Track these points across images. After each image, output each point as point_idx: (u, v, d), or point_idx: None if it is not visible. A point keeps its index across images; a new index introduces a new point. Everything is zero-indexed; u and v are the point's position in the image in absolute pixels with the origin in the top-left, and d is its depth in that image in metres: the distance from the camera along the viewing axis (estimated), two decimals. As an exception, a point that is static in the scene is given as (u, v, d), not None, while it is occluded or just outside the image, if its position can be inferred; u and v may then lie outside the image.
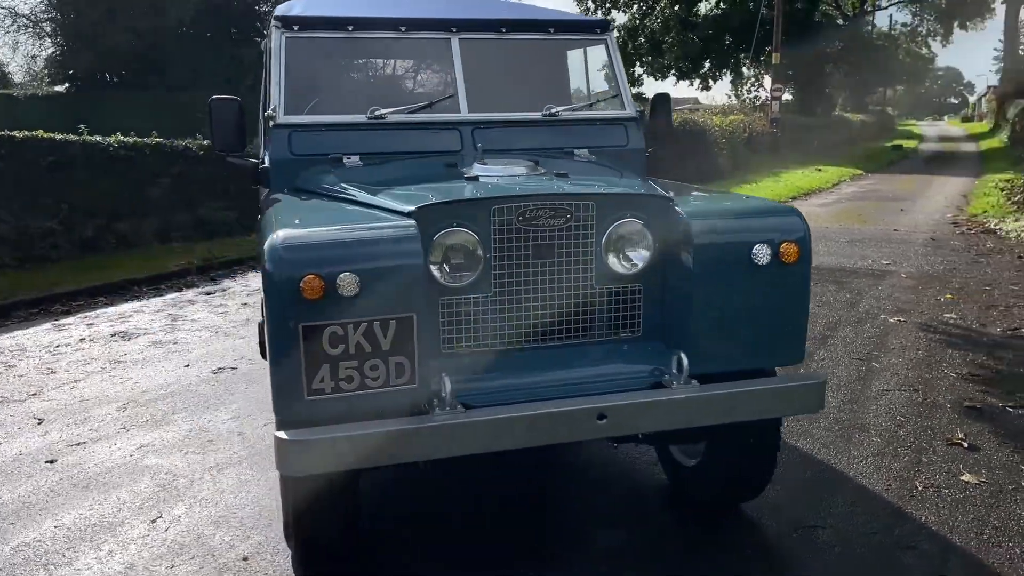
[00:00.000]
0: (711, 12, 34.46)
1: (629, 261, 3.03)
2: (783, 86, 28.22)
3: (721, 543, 3.31)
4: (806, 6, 32.15)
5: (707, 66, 34.60)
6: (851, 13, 40.05)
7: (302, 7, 4.08)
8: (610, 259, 3.01)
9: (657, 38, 33.66)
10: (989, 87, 64.09)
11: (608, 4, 34.24)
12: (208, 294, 8.38)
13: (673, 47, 32.77)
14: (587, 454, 4.06)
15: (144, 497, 3.74)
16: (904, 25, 41.90)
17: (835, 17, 39.12)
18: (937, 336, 6.23)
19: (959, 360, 5.61)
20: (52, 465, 4.13)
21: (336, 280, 2.54)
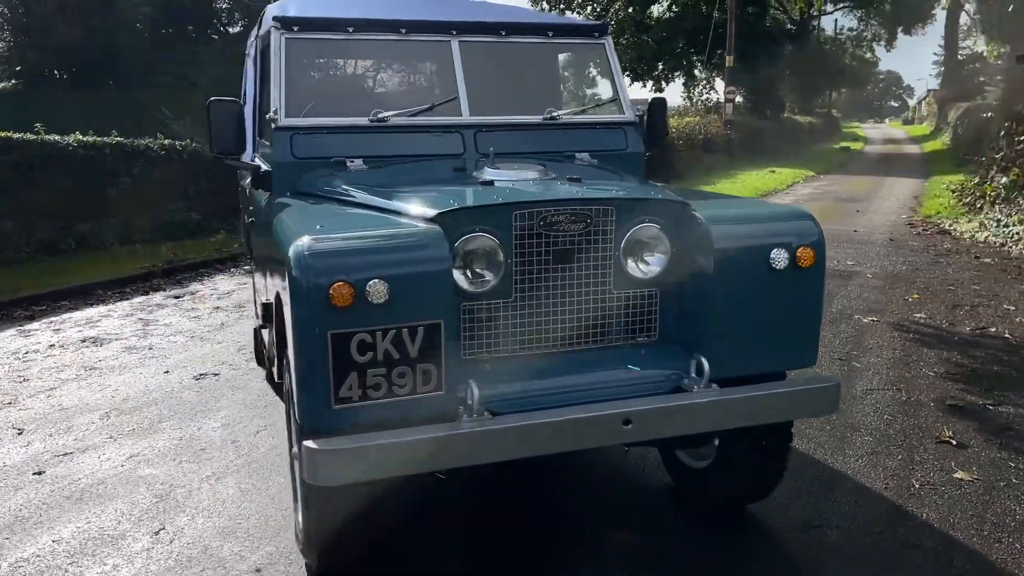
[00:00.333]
0: (664, 15, 34.84)
1: (646, 265, 3.05)
2: (736, 89, 28.63)
3: (734, 545, 3.35)
4: (757, 11, 32.68)
5: (661, 68, 34.95)
6: (799, 18, 40.81)
7: (298, 8, 4.02)
8: (628, 264, 3.03)
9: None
10: (929, 91, 65.87)
11: (562, 5, 34.38)
12: (177, 298, 8.21)
13: (627, 49, 33.02)
14: (591, 456, 4.07)
15: (142, 508, 3.65)
16: (850, 30, 42.84)
17: (784, 22, 39.84)
18: (911, 335, 6.38)
19: (935, 359, 5.76)
20: (40, 477, 4.00)
21: (365, 287, 2.51)
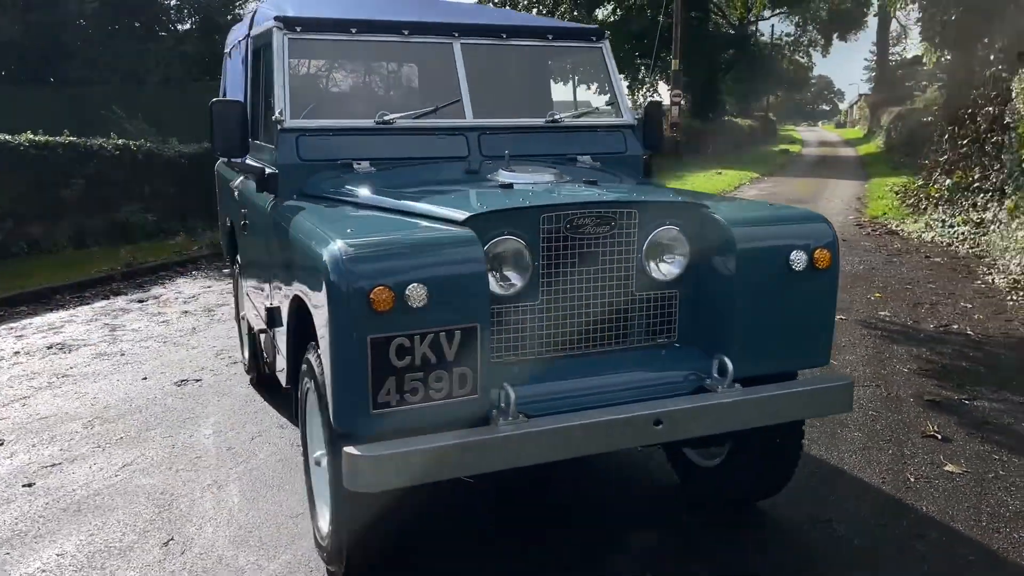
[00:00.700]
0: (609, 18, 35.19)
1: (667, 267, 3.09)
2: (682, 92, 29.05)
3: (751, 541, 3.41)
4: (700, 16, 33.23)
5: (606, 71, 35.23)
6: (737, 23, 41.63)
7: (296, 8, 3.97)
8: (650, 266, 3.07)
9: (557, 42, 34.01)
10: (860, 95, 67.79)
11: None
12: (141, 302, 7.99)
13: (573, 51, 33.23)
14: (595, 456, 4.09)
15: (146, 519, 3.56)
16: (788, 35, 43.89)
17: (723, 27, 40.60)
18: (879, 333, 6.58)
19: (905, 356, 5.94)
20: (31, 489, 3.87)
21: (405, 291, 2.50)
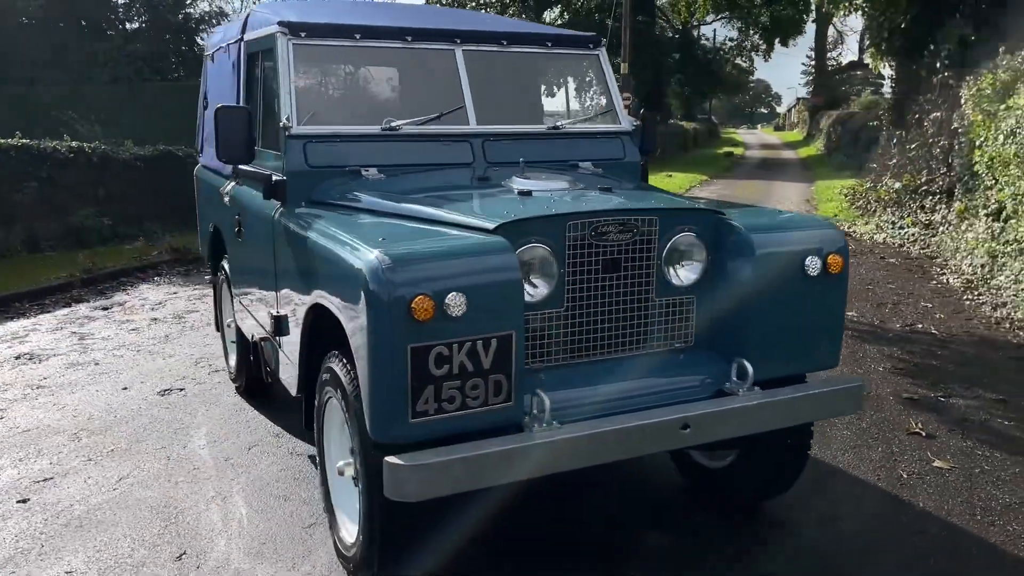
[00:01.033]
0: (556, 21, 35.37)
1: (685, 273, 3.15)
2: (631, 95, 29.36)
3: (763, 541, 3.48)
4: (647, 20, 33.63)
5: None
6: (680, 26, 42.24)
7: (296, 13, 3.92)
8: (668, 271, 3.12)
9: (505, 45, 34.05)
10: (798, 99, 69.31)
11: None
12: (105, 309, 7.79)
13: (521, 54, 33.32)
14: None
15: (154, 533, 3.48)
16: (731, 40, 44.65)
17: (668, 31, 41.16)
18: (850, 333, 6.75)
19: (878, 355, 6.12)
20: (26, 505, 3.75)
21: (445, 300, 2.50)
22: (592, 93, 4.36)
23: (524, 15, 34.27)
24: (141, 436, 4.56)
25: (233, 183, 4.53)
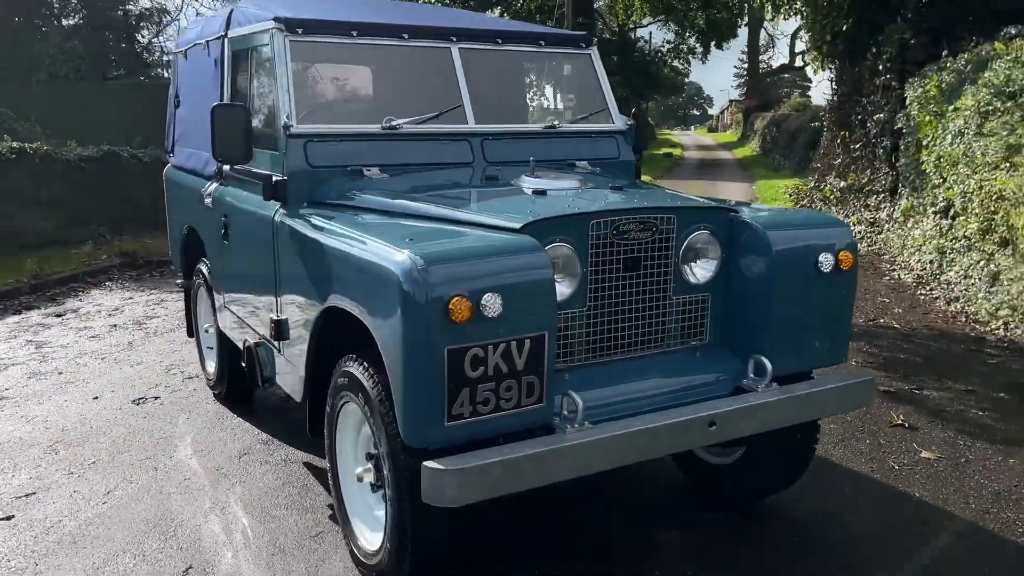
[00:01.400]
0: (497, 22, 35.39)
1: (701, 271, 3.17)
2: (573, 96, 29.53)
3: (771, 538, 3.52)
4: (588, 21, 33.85)
5: (494, 74, 35.40)
6: (618, 29, 42.69)
7: (289, 9, 3.82)
8: (685, 269, 3.13)
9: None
10: (731, 101, 70.64)
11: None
12: (59, 316, 7.49)
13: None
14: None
15: (154, 548, 3.35)
16: (668, 42, 45.29)
17: (605, 33, 41.51)
18: (817, 329, 6.88)
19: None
20: (12, 523, 3.57)
21: (481, 301, 2.47)
22: (584, 92, 4.35)
23: (465, 16, 34.20)
24: (122, 447, 4.39)
25: (216, 184, 4.39)
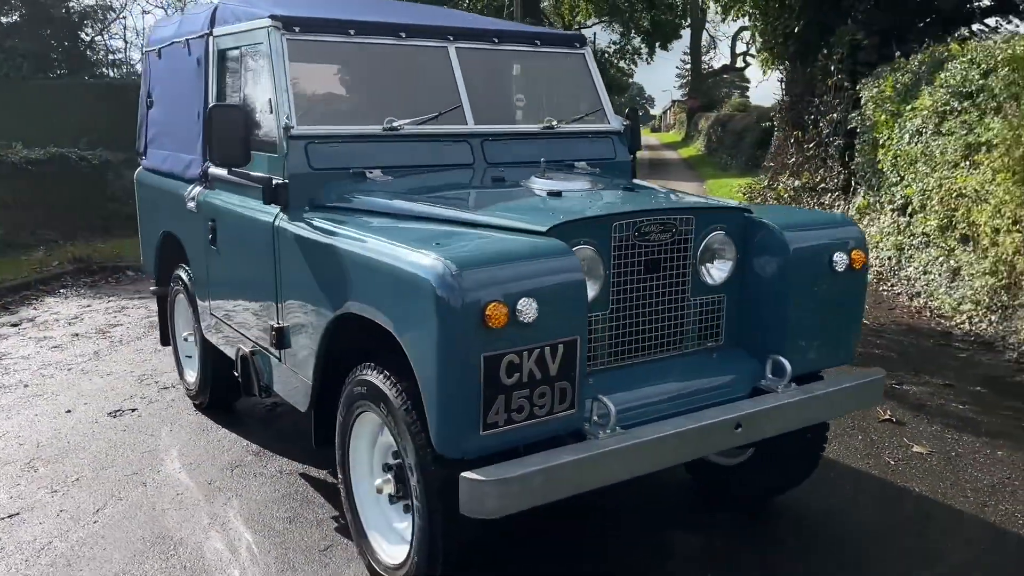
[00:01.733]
0: (444, 22, 35.28)
1: (717, 272, 3.15)
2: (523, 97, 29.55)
3: (782, 538, 3.53)
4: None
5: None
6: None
7: (284, 7, 3.71)
8: (702, 270, 3.12)
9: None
10: (674, 101, 71.54)
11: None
12: (15, 325, 7.17)
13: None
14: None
15: (156, 568, 3.21)
16: (614, 43, 45.63)
17: (551, 33, 41.71)
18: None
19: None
20: (-2, 546, 3.39)
21: (517, 306, 2.41)
22: (579, 93, 4.31)
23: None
24: (105, 462, 4.21)
25: (200, 187, 4.25)
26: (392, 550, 2.96)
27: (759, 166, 20.29)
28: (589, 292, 2.81)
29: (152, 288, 5.30)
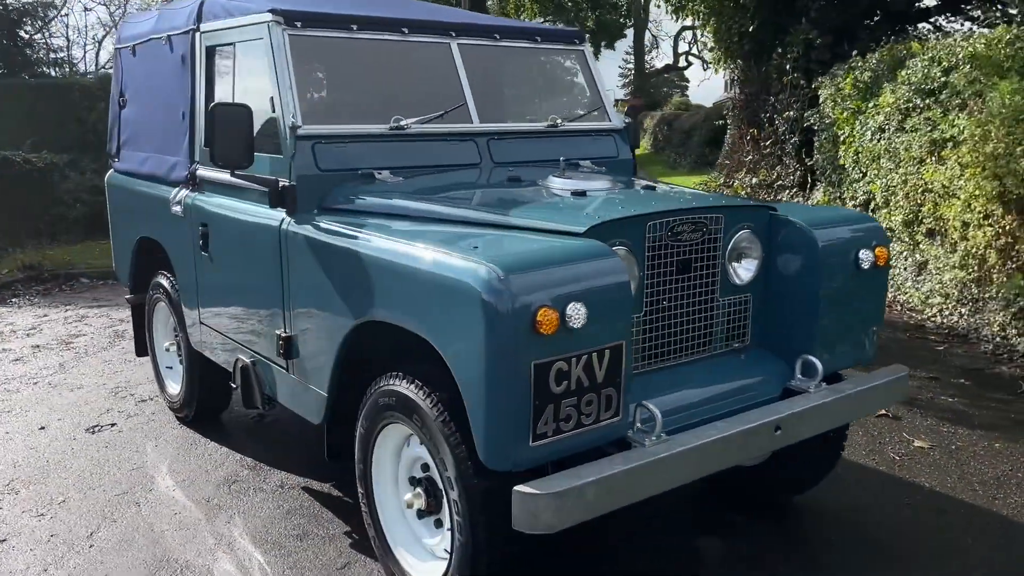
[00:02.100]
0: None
1: (744, 271, 3.10)
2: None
3: (802, 537, 3.50)
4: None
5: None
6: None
7: (283, 2, 3.54)
8: (730, 270, 3.06)
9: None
10: (617, 100, 71.98)
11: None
12: (-32, 338, 6.82)
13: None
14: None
15: (165, 594, 3.03)
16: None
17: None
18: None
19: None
20: (-13, 576, 3.17)
21: (566, 311, 2.31)
22: (579, 90, 4.23)
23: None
24: (90, 482, 3.98)
25: (186, 190, 4.05)
26: (422, 567, 2.84)
27: (709, 164, 20.49)
28: (626, 294, 2.75)
29: (128, 297, 5.06)
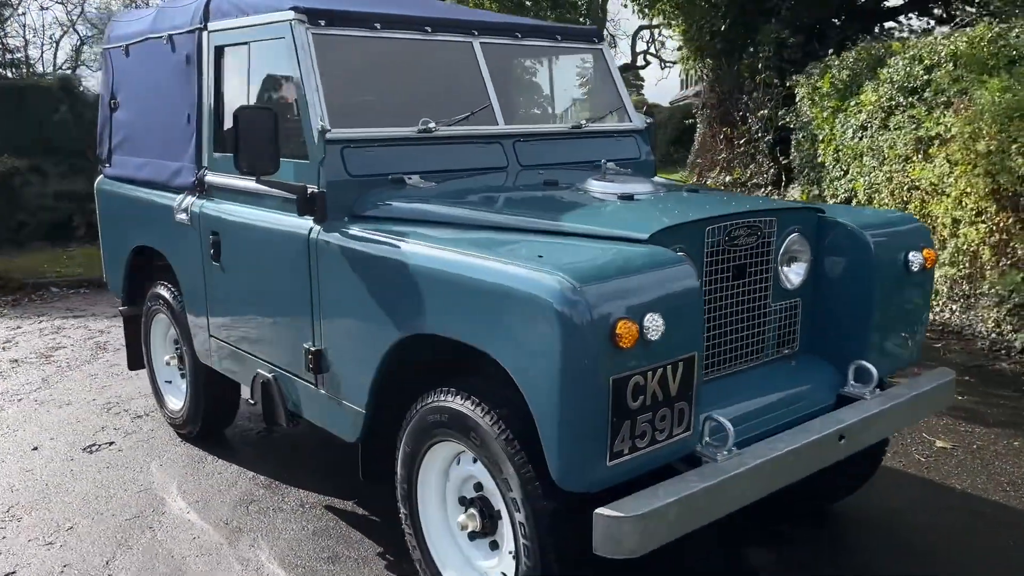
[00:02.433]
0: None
1: (795, 275, 3.03)
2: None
3: (850, 544, 3.43)
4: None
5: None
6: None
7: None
8: (781, 274, 2.98)
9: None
10: (574, 100, 72.18)
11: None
12: (-61, 353, 6.50)
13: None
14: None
15: (197, 627, 2.86)
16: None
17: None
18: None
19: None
20: (1, 613, 2.97)
21: (644, 323, 2.21)
22: (599, 90, 4.13)
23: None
24: (97, 506, 3.77)
25: (192, 197, 3.86)
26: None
27: (676, 163, 20.58)
28: (685, 302, 2.65)
29: (121, 308, 4.83)
